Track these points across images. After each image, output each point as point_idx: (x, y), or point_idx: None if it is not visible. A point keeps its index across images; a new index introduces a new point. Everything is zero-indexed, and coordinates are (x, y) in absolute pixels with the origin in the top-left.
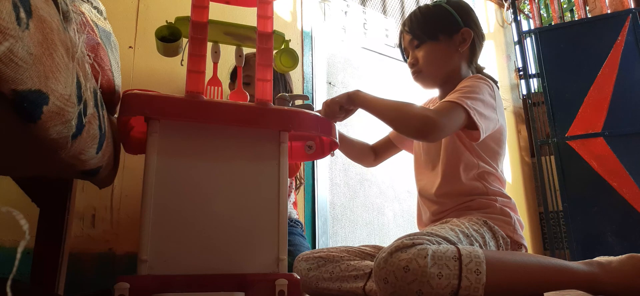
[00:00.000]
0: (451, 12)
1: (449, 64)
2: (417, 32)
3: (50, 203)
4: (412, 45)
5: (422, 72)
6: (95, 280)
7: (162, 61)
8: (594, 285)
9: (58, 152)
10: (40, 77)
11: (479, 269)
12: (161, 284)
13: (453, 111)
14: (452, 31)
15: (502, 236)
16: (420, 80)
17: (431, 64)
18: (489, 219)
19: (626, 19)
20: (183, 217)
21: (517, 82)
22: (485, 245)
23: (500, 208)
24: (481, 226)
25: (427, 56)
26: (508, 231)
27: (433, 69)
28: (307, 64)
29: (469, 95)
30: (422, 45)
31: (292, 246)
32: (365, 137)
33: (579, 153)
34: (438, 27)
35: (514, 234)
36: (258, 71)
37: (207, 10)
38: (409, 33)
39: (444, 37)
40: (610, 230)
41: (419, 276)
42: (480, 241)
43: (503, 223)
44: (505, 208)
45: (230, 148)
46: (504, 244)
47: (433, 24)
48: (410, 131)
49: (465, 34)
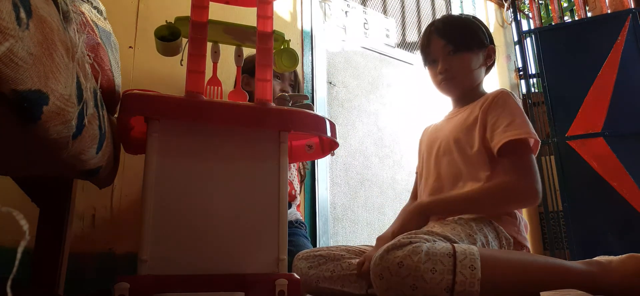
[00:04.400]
0: (482, 29)
1: (479, 76)
2: (456, 40)
3: (50, 203)
4: (445, 51)
5: (455, 79)
6: (95, 280)
7: (162, 61)
8: (594, 285)
9: (58, 152)
10: (40, 77)
11: (474, 265)
12: (161, 284)
13: (525, 156)
14: (482, 45)
15: (506, 236)
16: (450, 87)
17: (466, 73)
18: (494, 219)
19: (626, 19)
20: (183, 217)
21: (517, 82)
22: (487, 244)
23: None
24: (485, 225)
25: (463, 64)
26: (513, 232)
27: (466, 79)
28: (307, 64)
29: (519, 120)
30: (457, 53)
31: (296, 247)
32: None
33: (579, 153)
34: (474, 39)
35: (518, 235)
36: (258, 71)
37: (207, 10)
38: (444, 38)
39: (477, 50)
40: (610, 230)
41: (412, 271)
42: (483, 240)
43: (509, 224)
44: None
45: (230, 148)
46: (507, 245)
47: (470, 35)
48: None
49: (491, 50)
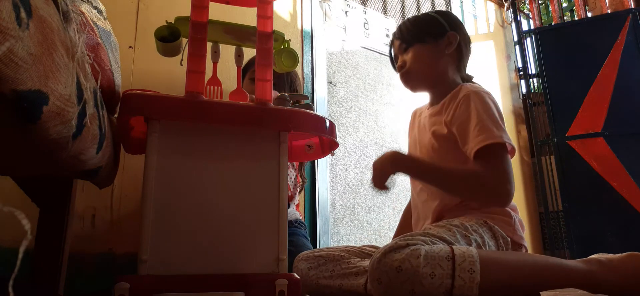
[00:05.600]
0: (437, 18)
1: (437, 66)
2: (405, 36)
3: (50, 203)
4: (400, 50)
5: (410, 73)
6: (95, 280)
7: (162, 61)
8: (593, 283)
9: (58, 152)
10: (40, 77)
11: (473, 268)
12: (161, 284)
13: (499, 159)
14: (438, 35)
15: (502, 236)
16: (409, 82)
17: (418, 64)
18: (489, 219)
19: (626, 19)
20: (183, 217)
21: (517, 82)
22: (484, 245)
23: (500, 208)
24: (481, 225)
25: (414, 57)
26: (508, 232)
27: (420, 70)
28: (307, 64)
29: (491, 125)
30: (409, 48)
31: (296, 247)
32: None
33: (579, 153)
34: (425, 31)
35: (514, 234)
36: (258, 71)
37: (207, 10)
38: (398, 39)
39: (430, 40)
40: (610, 230)
41: (411, 276)
42: (479, 240)
43: (503, 223)
44: (506, 208)
45: (230, 148)
46: (504, 244)
47: (420, 27)
48: (482, 203)
49: (451, 37)
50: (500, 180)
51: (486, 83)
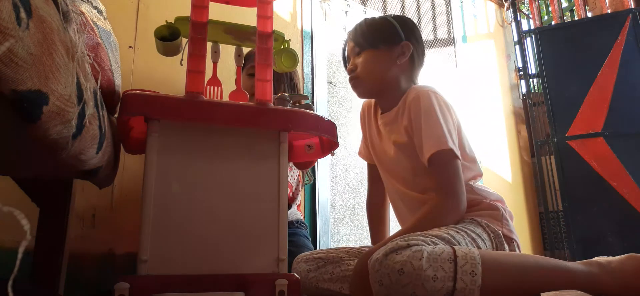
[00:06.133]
0: (394, 25)
1: (387, 73)
2: (359, 39)
3: (50, 203)
4: (353, 53)
5: (359, 78)
6: (95, 280)
7: (162, 61)
8: (593, 285)
9: (58, 152)
10: (40, 77)
11: (475, 270)
12: (161, 284)
13: (447, 169)
14: (392, 43)
15: (493, 230)
16: (358, 87)
17: (368, 70)
18: (476, 216)
19: (626, 19)
20: (183, 217)
21: (517, 82)
22: (478, 238)
23: (488, 203)
24: (469, 223)
25: (365, 62)
26: (498, 226)
27: (370, 76)
28: (307, 64)
29: (438, 130)
30: (362, 53)
31: (297, 247)
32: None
33: (579, 153)
34: (379, 37)
35: (503, 228)
36: (258, 71)
37: (207, 10)
38: (352, 41)
39: (384, 47)
40: (610, 230)
41: (413, 278)
42: (473, 235)
43: (492, 218)
44: (494, 203)
45: (230, 148)
46: (495, 238)
47: (375, 33)
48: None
49: (405, 47)
50: (450, 201)
51: (486, 83)
